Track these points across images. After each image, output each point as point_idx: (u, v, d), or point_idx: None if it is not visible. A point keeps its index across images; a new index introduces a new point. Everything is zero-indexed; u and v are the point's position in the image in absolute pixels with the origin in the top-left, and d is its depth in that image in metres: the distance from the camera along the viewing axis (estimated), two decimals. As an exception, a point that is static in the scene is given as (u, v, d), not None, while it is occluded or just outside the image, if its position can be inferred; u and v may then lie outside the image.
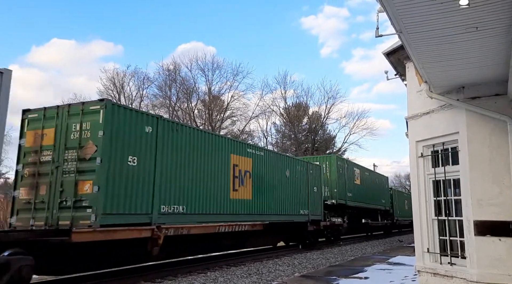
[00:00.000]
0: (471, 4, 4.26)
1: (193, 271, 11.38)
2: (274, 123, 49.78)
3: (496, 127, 6.93)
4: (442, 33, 5.05)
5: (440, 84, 7.22)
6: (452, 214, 7.79)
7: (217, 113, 44.54)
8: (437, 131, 7.89)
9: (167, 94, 43.91)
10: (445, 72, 6.58)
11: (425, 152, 8.27)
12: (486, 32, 5.02)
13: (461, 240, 7.45)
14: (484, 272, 6.75)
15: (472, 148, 7.12)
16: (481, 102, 7.09)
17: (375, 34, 5.94)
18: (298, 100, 50.03)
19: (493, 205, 6.85)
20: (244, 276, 10.80)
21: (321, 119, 49.22)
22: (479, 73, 6.60)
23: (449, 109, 7.57)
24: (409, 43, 5.44)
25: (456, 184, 7.71)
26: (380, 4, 4.58)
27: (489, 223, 6.83)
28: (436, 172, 8.00)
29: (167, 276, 10.55)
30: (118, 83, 43.30)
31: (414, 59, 6.07)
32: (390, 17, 4.74)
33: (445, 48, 5.53)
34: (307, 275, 11.08)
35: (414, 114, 8.54)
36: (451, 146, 7.76)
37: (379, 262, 13.76)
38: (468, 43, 5.34)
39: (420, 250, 8.17)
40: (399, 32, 5.09)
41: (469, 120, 7.19)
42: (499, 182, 6.85)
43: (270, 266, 12.77)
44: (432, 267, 7.85)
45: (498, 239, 6.75)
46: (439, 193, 8.02)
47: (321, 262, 14.30)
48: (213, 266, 12.35)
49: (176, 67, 44.81)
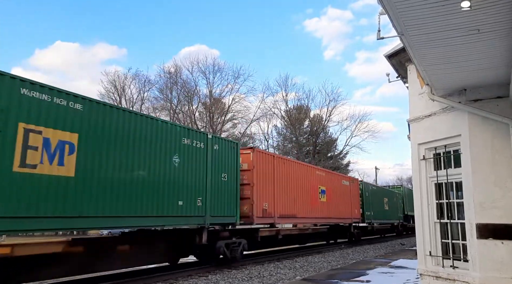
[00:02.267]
0: (473, 6, 4.24)
1: (193, 274, 11.35)
2: (275, 126, 49.84)
3: (498, 130, 6.90)
4: (444, 35, 5.03)
5: (442, 86, 7.20)
6: (455, 217, 7.75)
7: (218, 116, 44.57)
8: (439, 134, 7.86)
9: (168, 97, 44.01)
10: (446, 75, 6.56)
11: (427, 155, 8.24)
12: (488, 35, 5.01)
13: (463, 243, 7.41)
14: (487, 275, 6.71)
15: (474, 151, 7.09)
16: (483, 104, 7.06)
17: (376, 37, 5.94)
18: (300, 103, 50.13)
19: (495, 208, 6.82)
20: (245, 280, 10.77)
21: (322, 122, 49.25)
22: (481, 75, 6.58)
23: (451, 112, 7.54)
24: (411, 46, 5.42)
25: (458, 187, 7.67)
26: (381, 7, 4.57)
27: (492, 226, 6.80)
28: (438, 174, 7.97)
29: (168, 279, 10.53)
30: (119, 86, 43.45)
31: (416, 61, 6.05)
32: (391, 20, 4.72)
33: (447, 50, 5.51)
34: (309, 278, 11.04)
35: (416, 117, 8.51)
36: (453, 148, 7.73)
37: (381, 265, 13.70)
38: (470, 46, 5.32)
39: (422, 253, 8.12)
40: (400, 35, 5.08)
41: (471, 123, 7.16)
42: (501, 185, 6.82)
43: (272, 270, 12.73)
44: (434, 270, 7.80)
45: (501, 242, 6.72)
46: (441, 195, 7.98)
47: (322, 265, 14.25)
48: (214, 270, 12.32)
49: (177, 70, 44.95)
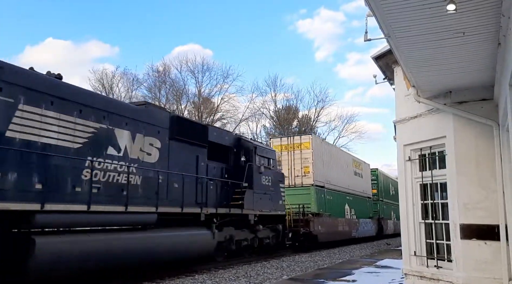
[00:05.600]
0: (458, 9, 4.30)
1: (181, 274, 11.31)
2: (264, 126, 49.84)
3: (483, 132, 7.00)
4: (430, 37, 5.09)
5: (428, 88, 7.28)
6: (439, 218, 7.85)
7: (207, 115, 44.42)
8: (425, 135, 7.95)
9: (156, 95, 43.69)
10: (432, 77, 6.64)
11: (412, 156, 8.32)
12: (473, 37, 5.08)
13: (447, 243, 7.50)
14: (470, 275, 6.81)
15: (459, 152, 7.18)
16: (468, 107, 7.15)
17: (364, 38, 5.98)
18: (288, 103, 50.20)
19: (479, 209, 6.91)
20: (232, 279, 10.75)
21: (310, 122, 49.41)
22: (466, 78, 6.67)
23: (436, 114, 7.63)
24: (397, 48, 5.47)
25: (443, 188, 7.77)
26: (369, 9, 4.61)
27: (475, 226, 6.89)
28: (424, 175, 8.06)
29: (155, 279, 10.47)
30: (107, 84, 42.98)
31: (402, 63, 6.11)
32: (378, 21, 4.76)
33: (433, 52, 5.58)
34: (296, 278, 11.07)
35: (402, 118, 8.60)
36: (438, 149, 7.82)
37: (366, 265, 13.79)
38: (455, 48, 5.39)
39: (407, 253, 8.21)
40: (387, 37, 5.12)
41: (456, 125, 7.25)
42: (485, 186, 6.92)
43: (259, 269, 12.74)
44: (418, 270, 7.89)
45: (484, 242, 6.81)
46: (426, 196, 8.07)
47: (309, 264, 14.30)
48: (201, 269, 12.29)
49: (166, 68, 44.67)
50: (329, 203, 22.70)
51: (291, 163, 21.77)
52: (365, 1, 4.37)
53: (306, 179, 21.26)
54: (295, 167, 21.63)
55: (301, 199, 20.14)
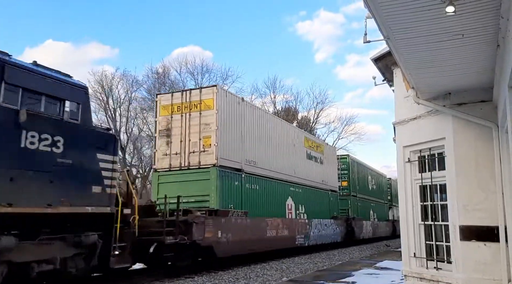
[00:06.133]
0: (457, 11, 4.31)
1: (180, 276, 11.29)
2: (264, 127, 49.84)
3: (482, 133, 7.01)
4: (429, 39, 5.10)
5: (427, 90, 7.29)
6: (439, 219, 7.85)
7: (206, 116, 44.32)
8: (424, 136, 7.96)
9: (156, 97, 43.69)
10: (431, 78, 6.65)
11: (412, 157, 8.33)
12: (472, 39, 5.09)
13: (447, 244, 7.50)
14: (470, 276, 6.81)
15: (458, 154, 7.18)
16: (467, 108, 7.16)
17: (363, 40, 6.00)
18: (288, 105, 50.22)
19: (478, 210, 6.92)
20: (231, 281, 10.75)
21: (310, 124, 49.42)
22: (465, 79, 6.68)
23: (435, 115, 7.64)
24: (396, 49, 5.48)
25: (442, 189, 7.77)
26: (368, 11, 4.62)
27: (475, 228, 6.90)
28: (423, 177, 8.06)
29: (154, 281, 10.46)
30: (107, 86, 42.93)
31: (401, 65, 6.12)
32: (377, 23, 4.77)
33: (432, 54, 5.59)
34: (295, 279, 11.07)
35: (401, 120, 8.61)
36: (438, 151, 7.83)
37: (366, 266, 13.79)
38: (454, 50, 5.40)
39: (406, 255, 8.21)
40: (386, 38, 5.13)
41: (456, 126, 7.26)
42: (484, 188, 6.92)
43: (258, 271, 12.73)
44: (418, 271, 7.89)
45: (484, 244, 6.82)
46: (426, 198, 8.08)
47: (309, 266, 14.30)
48: (201, 271, 12.28)
49: (165, 70, 44.65)
50: (253, 195, 15.73)
51: (186, 131, 14.18)
52: (365, 3, 4.38)
53: (206, 156, 13.72)
54: (190, 137, 14.07)
55: (198, 188, 13.47)
